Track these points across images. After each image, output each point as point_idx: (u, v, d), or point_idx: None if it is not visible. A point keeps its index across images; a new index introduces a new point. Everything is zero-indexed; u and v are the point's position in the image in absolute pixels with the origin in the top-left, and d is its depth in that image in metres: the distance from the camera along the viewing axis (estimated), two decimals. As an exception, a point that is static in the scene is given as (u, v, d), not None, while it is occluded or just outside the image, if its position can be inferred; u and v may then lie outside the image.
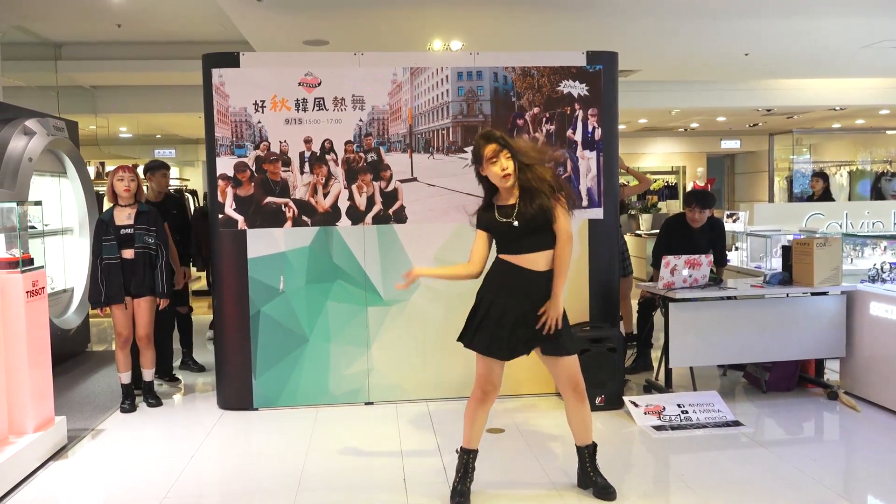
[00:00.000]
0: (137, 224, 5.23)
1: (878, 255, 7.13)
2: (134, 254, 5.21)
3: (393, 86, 5.31)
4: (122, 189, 5.22)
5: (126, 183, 5.22)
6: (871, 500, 3.76)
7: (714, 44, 8.52)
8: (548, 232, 3.60)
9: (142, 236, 5.22)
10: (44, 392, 4.46)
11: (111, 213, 5.26)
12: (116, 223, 5.21)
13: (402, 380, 5.43)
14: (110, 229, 5.19)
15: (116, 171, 5.29)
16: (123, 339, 5.26)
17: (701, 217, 5.84)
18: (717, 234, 6.00)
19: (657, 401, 5.04)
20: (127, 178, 5.23)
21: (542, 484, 3.94)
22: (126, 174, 5.25)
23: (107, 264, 5.17)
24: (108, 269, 5.17)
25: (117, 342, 5.29)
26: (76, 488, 4.04)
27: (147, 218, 5.28)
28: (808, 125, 16.17)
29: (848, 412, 5.07)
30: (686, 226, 5.90)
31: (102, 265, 5.18)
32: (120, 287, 5.18)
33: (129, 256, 5.20)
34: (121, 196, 5.24)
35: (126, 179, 5.23)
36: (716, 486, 3.86)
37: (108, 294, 5.18)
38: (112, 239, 5.18)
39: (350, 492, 3.90)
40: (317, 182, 5.27)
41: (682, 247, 5.66)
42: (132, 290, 5.22)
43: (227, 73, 5.18)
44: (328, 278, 5.31)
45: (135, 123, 14.20)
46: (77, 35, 8.90)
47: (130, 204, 5.27)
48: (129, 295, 5.22)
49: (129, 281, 5.20)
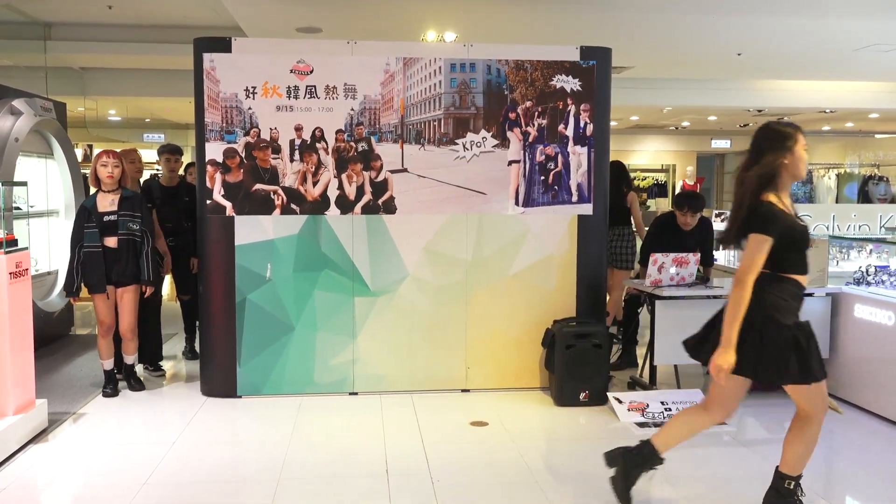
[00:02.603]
0: (121, 210, 5.13)
1: (864, 258, 7.17)
2: (117, 241, 5.11)
3: (385, 75, 5.29)
4: (105, 175, 5.11)
5: (110, 169, 5.11)
6: (850, 501, 3.79)
7: (707, 43, 8.53)
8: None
9: (126, 223, 5.13)
10: (25, 375, 4.42)
11: (94, 199, 5.17)
12: (99, 210, 5.11)
13: (388, 371, 5.42)
14: (93, 216, 5.09)
15: (100, 155, 5.19)
16: (105, 327, 5.21)
17: (693, 220, 5.83)
18: (705, 234, 6.01)
19: (641, 398, 5.06)
20: (111, 164, 5.12)
21: (524, 478, 3.95)
22: (110, 160, 5.14)
23: (87, 252, 5.09)
24: (89, 258, 5.09)
25: (99, 330, 5.24)
26: (56, 471, 4.01)
27: (131, 203, 5.18)
28: (798, 127, 16.22)
29: (830, 413, 5.05)
30: (676, 226, 5.91)
31: (82, 253, 5.10)
32: (102, 276, 5.10)
33: (112, 245, 5.11)
34: (104, 182, 5.13)
35: (110, 165, 5.12)
36: (697, 483, 3.88)
37: (88, 283, 5.11)
38: (94, 226, 5.09)
39: (332, 481, 3.89)
40: (306, 170, 5.25)
41: (670, 246, 5.66)
42: (115, 278, 5.15)
43: (219, 59, 5.13)
44: (316, 267, 5.29)
45: (124, 107, 14.08)
46: (67, 15, 8.80)
47: (114, 190, 5.17)
48: (111, 284, 5.16)
49: (111, 269, 5.13)
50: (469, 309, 5.44)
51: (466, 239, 5.40)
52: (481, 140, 5.38)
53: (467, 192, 5.39)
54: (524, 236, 5.46)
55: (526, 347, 5.49)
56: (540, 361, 5.48)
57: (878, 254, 7.13)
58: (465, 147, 5.37)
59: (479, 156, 5.38)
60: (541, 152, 5.44)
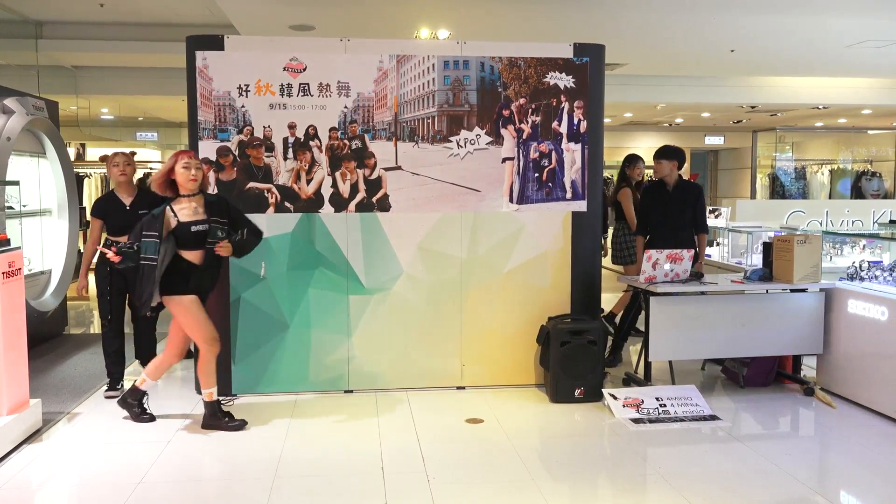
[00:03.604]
0: (212, 217, 4.47)
1: (857, 253, 7.20)
2: (202, 256, 4.48)
3: (379, 73, 5.28)
4: (188, 178, 4.39)
5: (193, 171, 4.41)
6: (844, 495, 3.81)
7: (700, 39, 8.54)
8: None
9: (216, 231, 4.46)
10: (19, 374, 4.41)
11: (165, 207, 4.41)
12: (182, 219, 4.39)
13: (382, 368, 5.42)
14: (176, 229, 4.38)
15: (180, 156, 4.44)
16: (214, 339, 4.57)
17: (664, 169, 5.83)
18: (693, 197, 5.87)
19: (636, 394, 5.06)
20: (194, 166, 4.43)
21: (520, 475, 3.95)
22: (193, 161, 4.45)
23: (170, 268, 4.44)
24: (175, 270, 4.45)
25: (207, 350, 4.54)
26: (50, 471, 4.00)
27: (219, 208, 4.55)
28: (791, 123, 16.29)
29: (823, 408, 5.12)
30: (663, 190, 5.90)
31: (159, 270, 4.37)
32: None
33: (194, 260, 4.47)
34: (185, 187, 4.41)
35: (193, 167, 4.42)
36: (692, 479, 3.89)
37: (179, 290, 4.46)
38: (177, 238, 4.42)
39: (327, 478, 3.89)
40: (300, 168, 5.24)
41: (658, 210, 5.80)
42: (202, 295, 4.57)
43: (212, 56, 5.12)
44: (310, 265, 5.28)
45: (117, 105, 14.03)
46: (59, 13, 8.76)
47: (195, 194, 4.48)
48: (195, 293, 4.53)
49: (199, 286, 4.53)
50: (464, 306, 5.44)
51: (461, 236, 5.40)
52: (475, 137, 5.38)
53: (461, 189, 5.39)
54: (518, 233, 5.46)
55: (521, 344, 5.49)
56: (535, 358, 5.48)
57: (872, 249, 7.16)
58: (459, 144, 5.37)
59: (473, 153, 5.38)
60: (535, 149, 5.44)
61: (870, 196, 12.86)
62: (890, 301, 4.88)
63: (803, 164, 14.06)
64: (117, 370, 5.35)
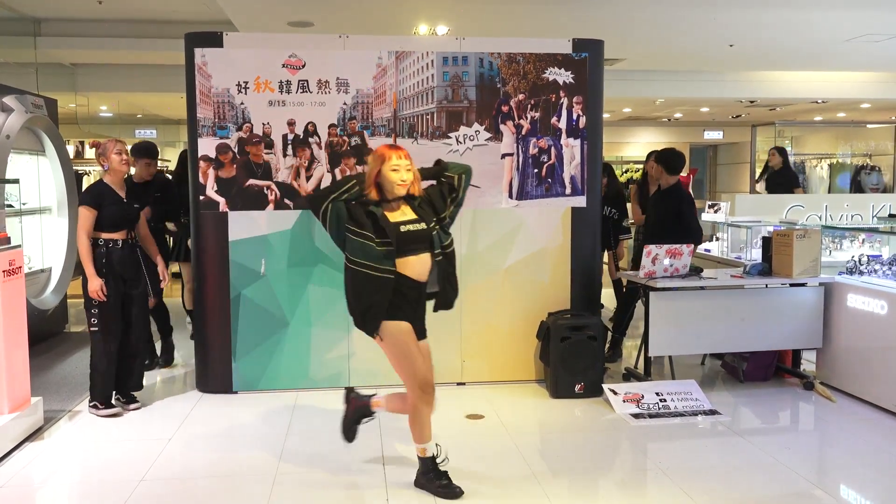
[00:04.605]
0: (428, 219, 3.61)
1: (857, 247, 7.20)
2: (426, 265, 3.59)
3: (378, 69, 5.28)
4: (398, 180, 3.52)
5: (403, 173, 3.56)
6: (844, 489, 3.82)
7: (699, 34, 8.54)
8: None
9: (439, 239, 3.65)
10: (20, 372, 4.41)
11: (367, 205, 3.56)
12: (392, 220, 3.54)
13: (383, 365, 5.37)
14: (386, 231, 3.50)
15: (388, 154, 3.55)
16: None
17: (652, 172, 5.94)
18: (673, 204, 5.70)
19: (636, 389, 5.07)
20: (404, 167, 3.57)
21: (520, 470, 3.96)
22: (403, 161, 3.56)
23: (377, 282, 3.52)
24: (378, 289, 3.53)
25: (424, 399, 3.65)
26: (52, 469, 4.01)
27: (434, 209, 3.70)
28: (790, 117, 16.28)
29: (823, 402, 5.13)
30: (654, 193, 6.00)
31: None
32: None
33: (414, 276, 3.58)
34: (397, 186, 3.55)
35: (402, 169, 3.56)
36: (692, 473, 3.90)
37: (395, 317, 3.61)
38: (388, 243, 3.48)
39: (329, 475, 3.90)
40: (300, 165, 5.24)
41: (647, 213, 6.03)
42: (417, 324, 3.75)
43: (210, 53, 5.12)
44: (310, 262, 5.28)
45: (115, 103, 14.02)
46: (57, 11, 8.75)
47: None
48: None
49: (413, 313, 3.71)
50: (464, 302, 5.44)
51: (460, 232, 5.40)
52: (474, 133, 5.38)
53: (461, 185, 5.38)
54: (518, 229, 5.46)
55: (521, 340, 5.50)
56: (535, 354, 5.49)
57: (871, 243, 7.16)
58: (458, 140, 5.37)
59: (472, 149, 5.38)
60: (534, 145, 5.44)
61: (869, 190, 12.85)
62: (889, 295, 4.89)
63: (802, 159, 14.05)
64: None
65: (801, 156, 14.28)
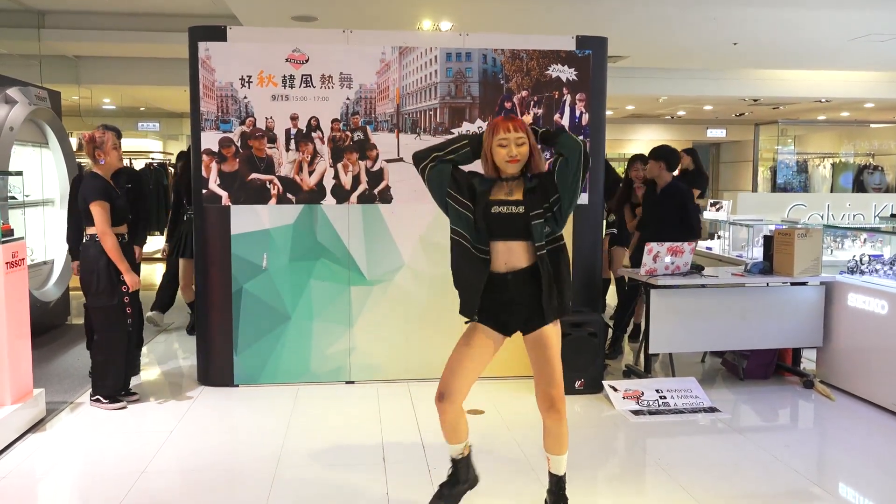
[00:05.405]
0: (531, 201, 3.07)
1: (858, 247, 7.21)
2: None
3: (381, 65, 5.28)
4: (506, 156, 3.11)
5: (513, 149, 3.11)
6: (842, 487, 3.83)
7: (703, 32, 8.53)
8: None
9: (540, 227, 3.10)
10: (22, 364, 4.43)
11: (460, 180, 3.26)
12: (492, 197, 3.18)
13: (384, 360, 5.44)
14: (479, 208, 3.20)
15: (497, 128, 3.11)
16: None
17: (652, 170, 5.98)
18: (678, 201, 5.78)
19: (636, 386, 5.08)
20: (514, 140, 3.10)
21: (520, 466, 3.97)
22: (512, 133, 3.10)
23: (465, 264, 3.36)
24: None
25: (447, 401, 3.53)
26: (54, 460, 4.03)
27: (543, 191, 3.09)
28: (793, 116, 16.26)
29: (823, 401, 5.14)
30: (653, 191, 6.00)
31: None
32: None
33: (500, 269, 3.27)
34: (506, 168, 3.15)
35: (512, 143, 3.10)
36: (691, 470, 3.91)
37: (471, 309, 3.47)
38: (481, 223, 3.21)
39: (329, 468, 3.91)
40: (302, 160, 5.24)
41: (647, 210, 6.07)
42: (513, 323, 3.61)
43: (214, 47, 5.12)
44: (312, 256, 5.29)
45: (119, 95, 14.02)
46: (61, 3, 8.76)
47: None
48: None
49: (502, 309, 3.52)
50: (465, 298, 5.45)
51: (462, 228, 5.40)
52: (477, 129, 5.38)
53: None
54: (520, 226, 5.46)
55: (522, 336, 5.49)
56: (535, 350, 5.49)
57: (872, 243, 7.16)
58: (461, 136, 5.37)
59: (475, 145, 5.38)
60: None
61: (871, 190, 12.85)
62: (890, 295, 4.90)
63: (805, 158, 14.04)
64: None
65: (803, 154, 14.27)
